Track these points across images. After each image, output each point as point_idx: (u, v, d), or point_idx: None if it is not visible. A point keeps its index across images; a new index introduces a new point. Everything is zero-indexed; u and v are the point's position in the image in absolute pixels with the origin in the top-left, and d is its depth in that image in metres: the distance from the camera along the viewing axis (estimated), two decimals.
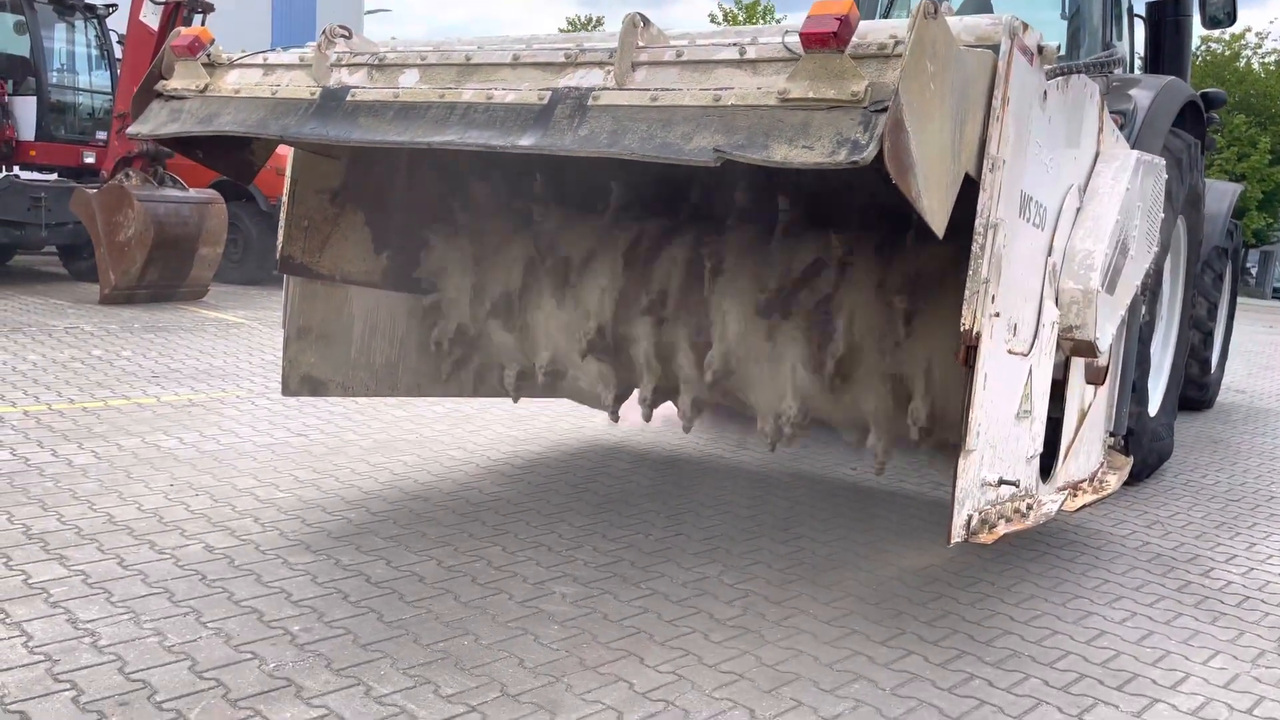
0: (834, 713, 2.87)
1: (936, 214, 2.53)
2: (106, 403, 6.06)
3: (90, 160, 12.25)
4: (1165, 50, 7.18)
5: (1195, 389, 8.41)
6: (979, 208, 2.77)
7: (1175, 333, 6.62)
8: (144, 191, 9.90)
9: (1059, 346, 3.64)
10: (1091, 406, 4.30)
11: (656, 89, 2.60)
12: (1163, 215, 4.37)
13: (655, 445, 5.97)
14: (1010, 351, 3.19)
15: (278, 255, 4.15)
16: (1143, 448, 5.67)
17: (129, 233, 9.76)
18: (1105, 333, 3.67)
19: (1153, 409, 5.99)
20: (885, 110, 2.23)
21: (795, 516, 4.76)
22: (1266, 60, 44.85)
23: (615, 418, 4.58)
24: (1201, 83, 40.93)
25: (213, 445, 5.27)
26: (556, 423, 6.35)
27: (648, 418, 4.45)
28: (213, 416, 5.90)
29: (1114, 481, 4.58)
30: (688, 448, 5.95)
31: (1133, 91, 5.56)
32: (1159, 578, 4.27)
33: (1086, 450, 4.33)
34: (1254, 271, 50.23)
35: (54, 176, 11.65)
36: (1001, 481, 3.07)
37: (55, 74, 12.78)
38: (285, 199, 4.13)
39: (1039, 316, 3.41)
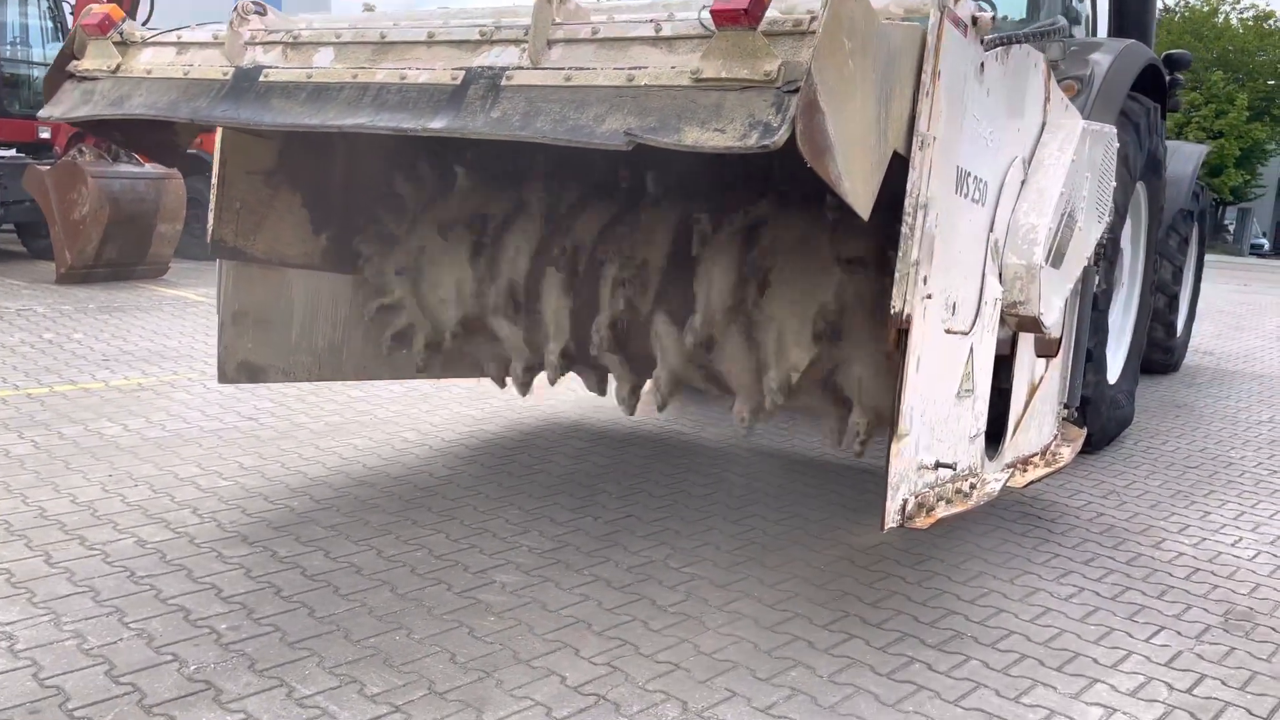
0: (768, 702, 2.83)
1: (860, 196, 2.45)
2: (52, 389, 5.95)
3: (46, 135, 11.99)
4: (1128, 13, 7.09)
5: (1160, 353, 8.40)
6: (908, 187, 2.69)
7: (1137, 298, 6.59)
8: (98, 168, 9.69)
9: (1004, 322, 3.59)
10: (1043, 380, 4.25)
11: (571, 68, 2.50)
12: (1115, 183, 4.30)
13: (615, 422, 5.90)
14: (949, 331, 3.12)
15: (209, 239, 4.03)
16: (1101, 416, 5.65)
17: (83, 210, 9.56)
18: (1051, 307, 3.61)
19: (1112, 376, 5.96)
20: (798, 91, 2.14)
21: (751, 494, 4.71)
22: (1244, 16, 44.71)
23: (525, 390, 4.54)
24: (1179, 40, 40.82)
25: (158, 432, 5.17)
26: (515, 399, 6.27)
27: (552, 380, 4.43)
28: (162, 401, 5.80)
29: (1067, 454, 4.54)
30: (648, 424, 5.89)
31: (1091, 56, 5.47)
32: (1110, 550, 4.25)
33: (1038, 424, 4.29)
34: (1231, 229, 50.42)
35: (12, 152, 11.40)
36: (939, 465, 3.02)
37: (8, 47, 12.48)
38: (215, 180, 4.00)
39: (981, 293, 3.35)
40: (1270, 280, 25.33)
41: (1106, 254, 5.17)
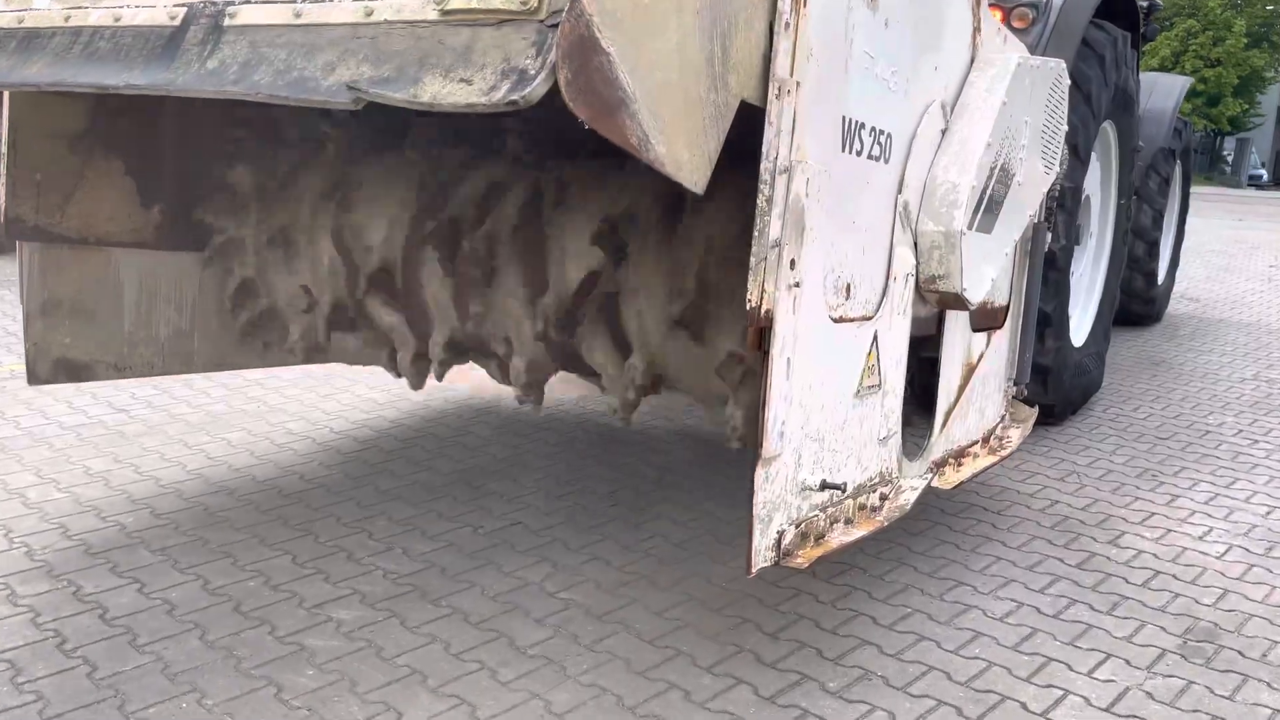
0: None
1: (687, 164, 1.87)
2: None
3: None
4: None
5: (1140, 303, 7.84)
6: (763, 148, 2.11)
7: (1109, 248, 6.00)
8: None
9: (922, 299, 3.02)
10: (984, 356, 3.70)
11: (305, 1, 1.90)
12: (1066, 125, 3.70)
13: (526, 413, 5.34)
14: (841, 319, 2.56)
15: (1, 219, 3.44)
16: (1064, 385, 5.11)
17: None
18: (979, 279, 3.04)
19: (1078, 339, 5.41)
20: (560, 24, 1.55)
21: (661, 490, 4.18)
22: None
23: (418, 383, 3.94)
24: None
25: (9, 430, 4.62)
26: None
27: (439, 375, 3.85)
28: (27, 394, 5.24)
29: (1016, 437, 4.01)
30: (570, 407, 5.34)
31: None
32: (1060, 550, 3.72)
33: (979, 407, 3.74)
34: (1230, 159, 49.47)
35: None
36: (825, 485, 2.47)
37: None
38: (5, 148, 3.40)
39: (889, 269, 2.78)
40: (1266, 214, 24.66)
41: (1064, 205, 4.58)
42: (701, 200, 2.51)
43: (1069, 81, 3.64)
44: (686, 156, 1.86)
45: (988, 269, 3.12)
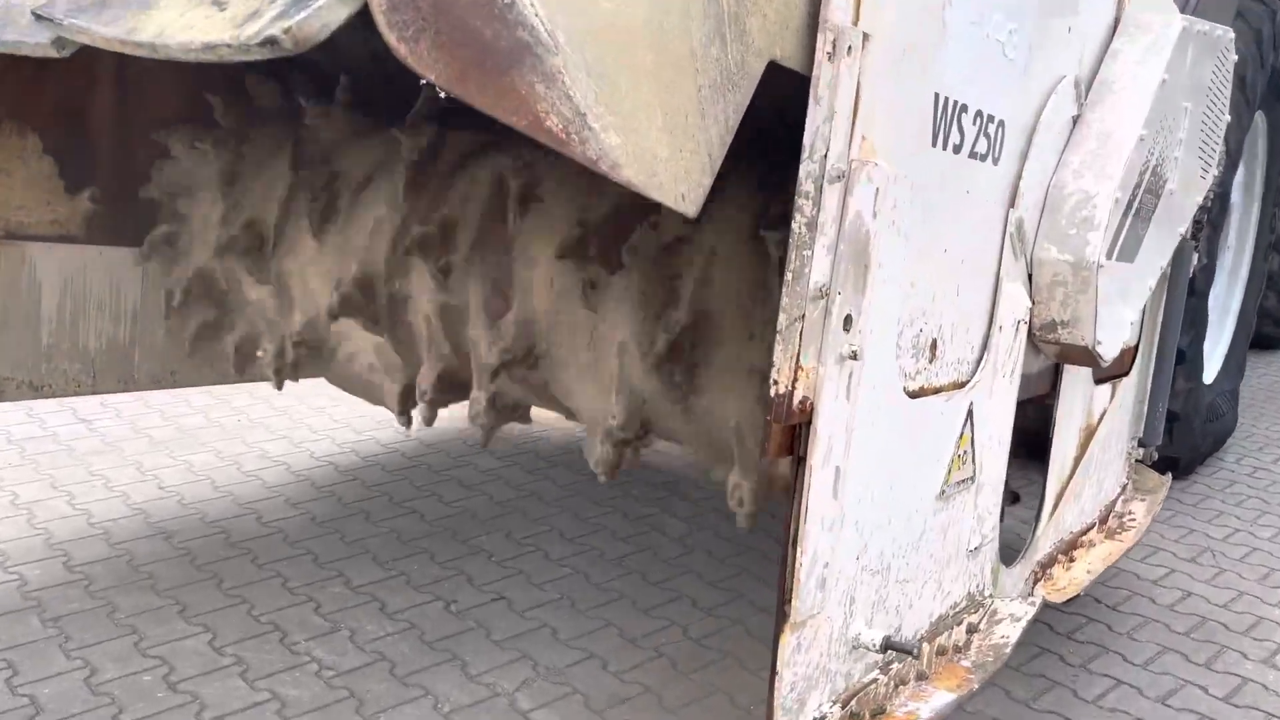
0: None
1: (663, 170, 1.08)
2: None
3: None
4: None
5: (1273, 324, 6.77)
6: (805, 140, 1.30)
7: (1248, 264, 5.02)
8: None
9: (1038, 351, 2.19)
10: (1105, 415, 2.84)
11: None
12: (1229, 115, 2.81)
13: (552, 427, 4.61)
14: (922, 391, 1.74)
15: None
16: (1193, 433, 4.18)
17: None
18: (1116, 325, 2.20)
19: (1209, 375, 4.46)
20: None
21: (684, 558, 3.40)
22: None
23: (405, 420, 3.17)
24: None
25: None
26: None
27: (428, 420, 3.07)
28: None
29: (1142, 514, 3.14)
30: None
31: None
32: (1199, 670, 2.84)
33: (1096, 479, 2.89)
34: None
35: None
36: (889, 646, 1.66)
37: None
38: None
39: (992, 315, 1.96)
40: None
41: (1210, 217, 3.67)
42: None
43: (1235, 58, 2.74)
44: (664, 154, 1.08)
45: (1127, 311, 2.27)
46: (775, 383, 1.36)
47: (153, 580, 3.04)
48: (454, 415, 4.38)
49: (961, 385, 1.88)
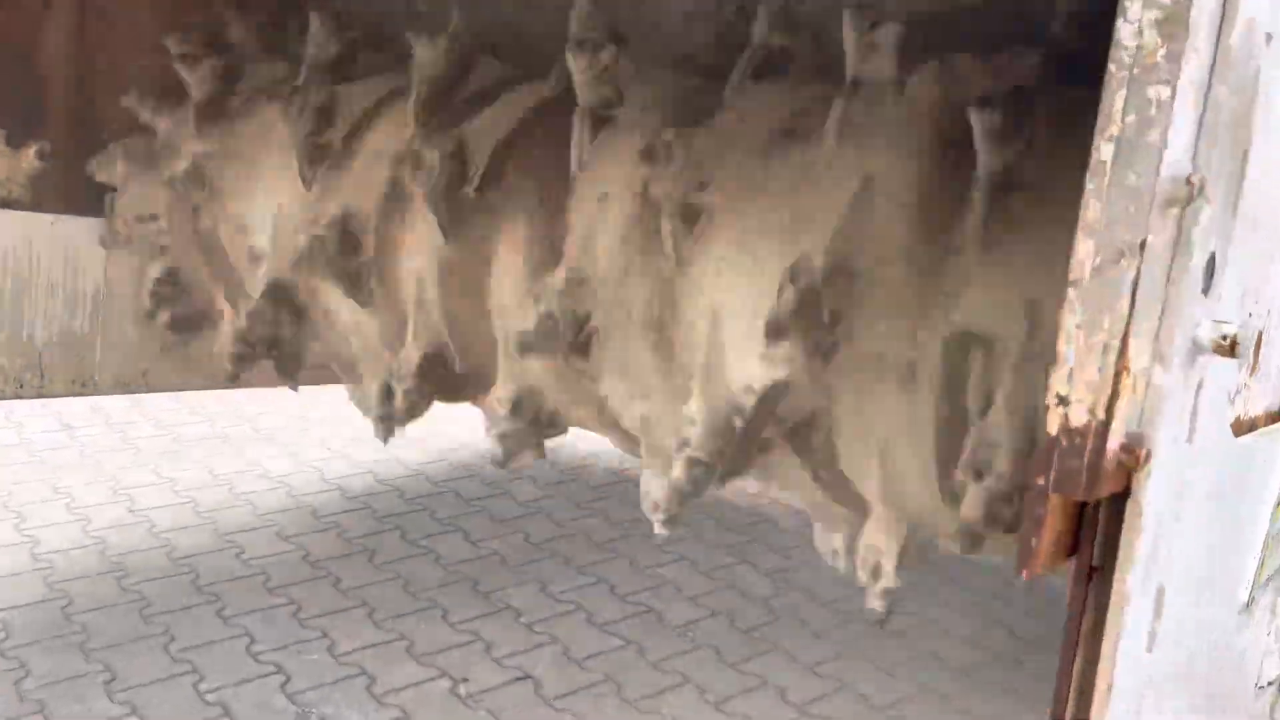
0: None
1: None
2: None
3: None
4: None
5: None
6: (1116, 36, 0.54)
7: None
8: None
9: None
10: None
11: None
12: None
13: (595, 462, 3.87)
14: (1236, 424, 0.95)
15: None
16: None
17: None
18: None
19: None
20: None
21: (767, 639, 2.63)
22: None
23: (383, 429, 2.41)
24: None
25: None
26: None
27: (402, 418, 2.31)
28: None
29: None
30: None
31: None
32: None
33: None
34: None
35: None
36: None
37: None
38: None
39: None
40: None
41: None
42: None
43: None
44: None
45: None
46: (1060, 403, 0.61)
47: (84, 635, 2.37)
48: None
49: None
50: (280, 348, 2.50)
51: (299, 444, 3.78)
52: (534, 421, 2.07)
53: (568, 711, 2.19)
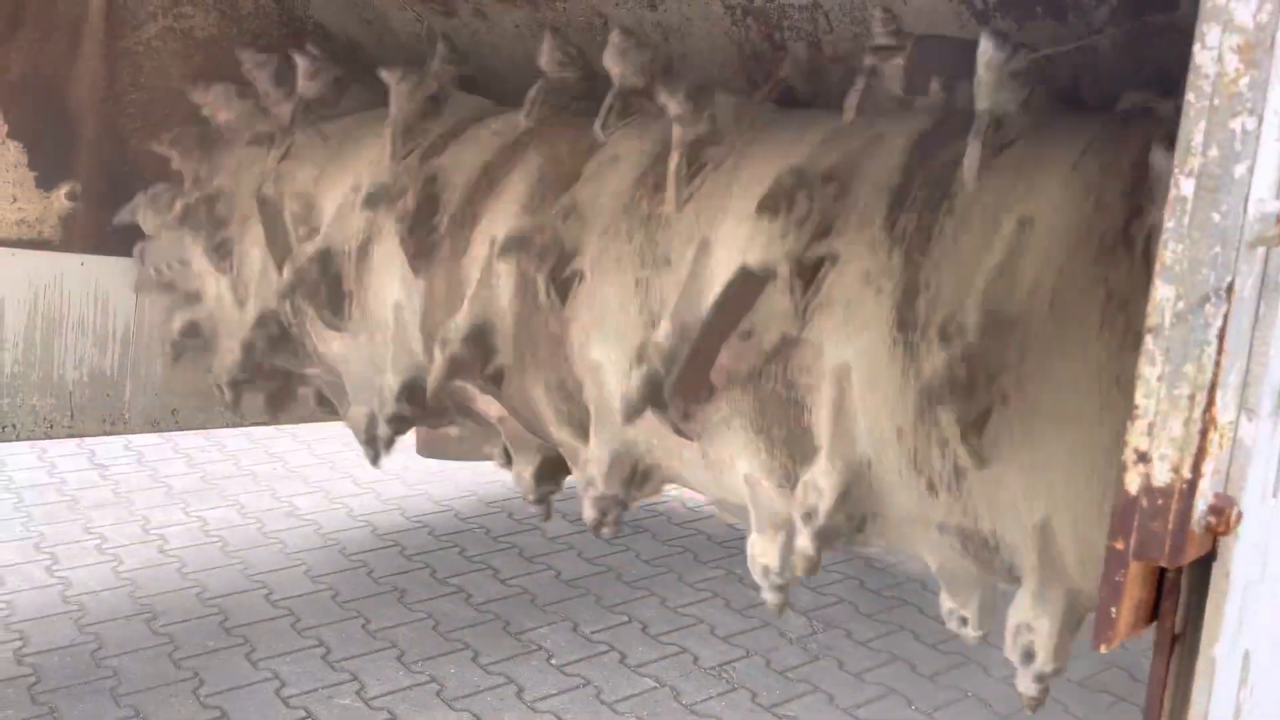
0: None
1: None
2: None
3: None
4: None
5: None
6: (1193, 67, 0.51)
7: None
8: None
9: None
10: None
11: None
12: None
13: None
14: None
15: None
16: None
17: None
18: None
19: None
20: None
21: (805, 680, 2.56)
22: None
23: (371, 453, 2.34)
24: None
25: None
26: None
27: (387, 444, 2.26)
28: None
29: None
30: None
31: None
32: None
33: None
34: None
35: None
36: None
37: None
38: None
39: None
40: None
41: None
42: None
43: None
44: None
45: None
46: (1140, 460, 0.56)
47: (115, 680, 2.35)
48: None
49: None
50: (274, 378, 2.49)
51: (328, 480, 3.76)
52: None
53: None
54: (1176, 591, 0.67)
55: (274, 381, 2.52)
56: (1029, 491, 1.22)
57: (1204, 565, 0.66)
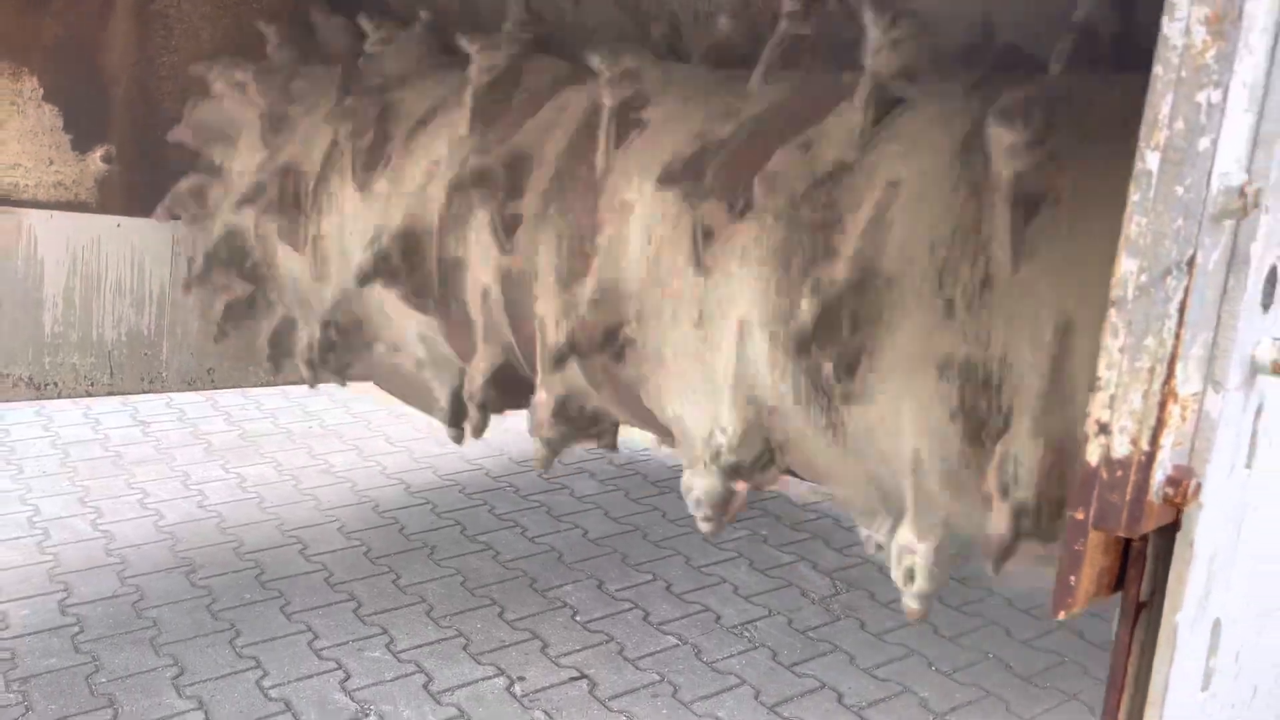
0: None
1: None
2: None
3: None
4: None
5: None
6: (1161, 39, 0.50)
7: None
8: None
9: None
10: None
11: None
12: None
13: (653, 457, 3.85)
14: None
15: None
16: None
17: None
18: None
19: None
20: None
21: (828, 639, 2.58)
22: None
23: (456, 433, 2.42)
24: None
25: None
26: None
27: (478, 428, 2.30)
28: None
29: None
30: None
31: None
32: None
33: None
34: None
35: None
36: None
37: None
38: None
39: None
40: None
41: None
42: None
43: None
44: None
45: None
46: (1101, 432, 0.57)
47: (155, 630, 2.43)
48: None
49: None
50: (339, 355, 2.52)
51: (362, 439, 3.82)
52: (576, 424, 2.06)
53: (622, 712, 2.17)
54: (1143, 560, 0.68)
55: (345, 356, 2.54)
56: (895, 429, 1.36)
57: (1169, 534, 0.67)
